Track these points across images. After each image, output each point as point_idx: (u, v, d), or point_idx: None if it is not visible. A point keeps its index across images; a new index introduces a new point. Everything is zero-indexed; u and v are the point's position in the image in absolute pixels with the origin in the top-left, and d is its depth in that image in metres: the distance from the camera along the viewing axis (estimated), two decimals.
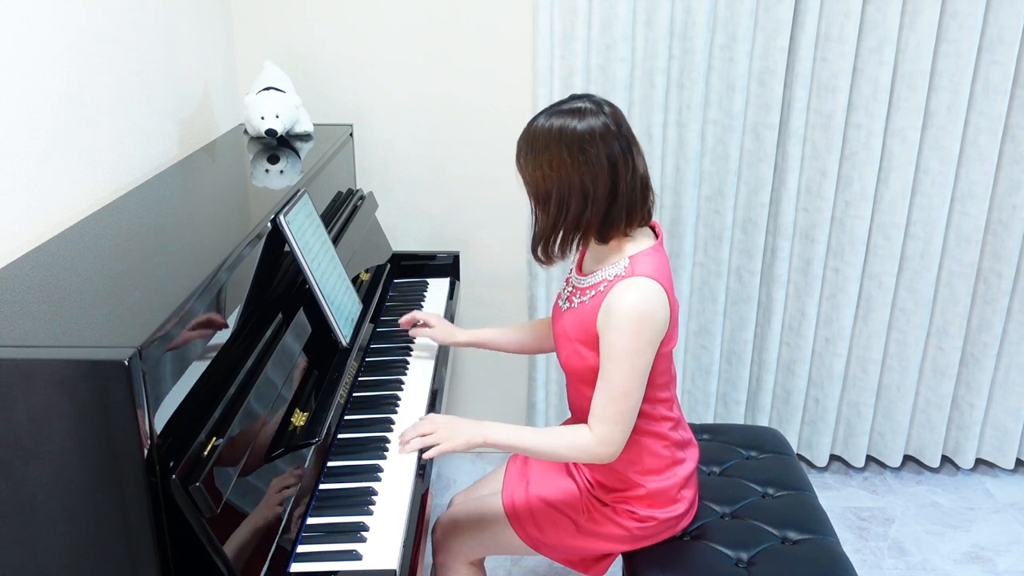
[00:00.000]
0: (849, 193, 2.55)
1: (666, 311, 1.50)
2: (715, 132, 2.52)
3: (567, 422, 1.85)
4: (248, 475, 1.27)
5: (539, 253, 1.58)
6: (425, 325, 1.97)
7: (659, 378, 1.60)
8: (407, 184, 2.63)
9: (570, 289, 1.64)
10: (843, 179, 2.55)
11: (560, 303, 1.67)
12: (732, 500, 1.82)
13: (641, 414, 1.60)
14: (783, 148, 2.52)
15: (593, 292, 1.55)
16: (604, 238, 1.54)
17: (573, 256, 1.68)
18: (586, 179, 1.48)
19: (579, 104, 1.51)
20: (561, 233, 1.54)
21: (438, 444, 1.54)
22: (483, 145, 2.59)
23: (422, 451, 1.56)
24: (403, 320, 2.00)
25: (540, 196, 1.53)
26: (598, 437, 1.51)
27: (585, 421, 1.55)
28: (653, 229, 1.62)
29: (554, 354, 2.73)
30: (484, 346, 1.95)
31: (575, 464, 1.74)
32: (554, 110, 1.52)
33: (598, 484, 1.68)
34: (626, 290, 1.48)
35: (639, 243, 1.55)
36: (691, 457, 1.72)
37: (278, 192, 1.80)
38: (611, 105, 1.52)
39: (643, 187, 1.54)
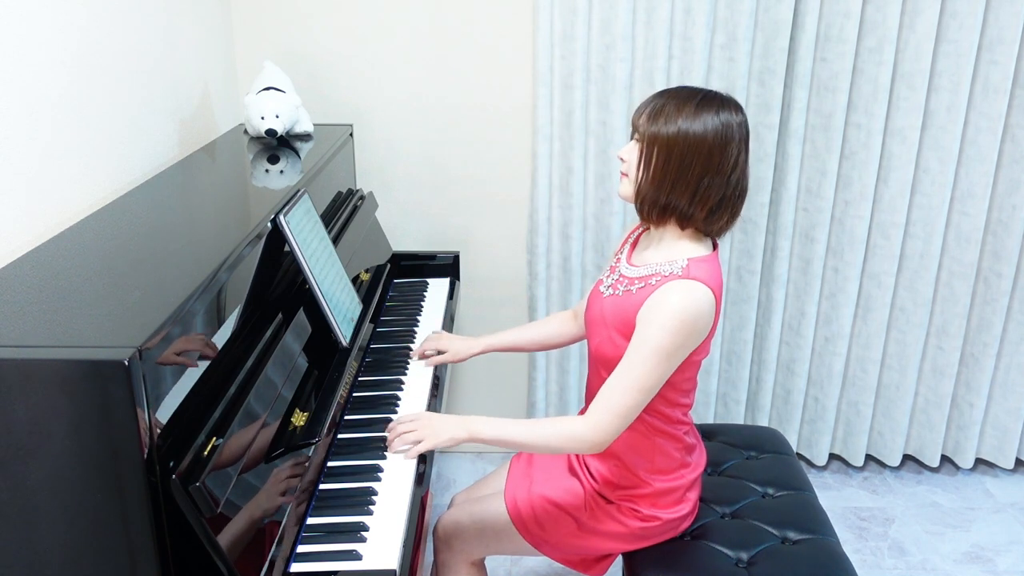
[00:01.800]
0: (849, 193, 2.55)
1: (710, 320, 1.51)
2: None
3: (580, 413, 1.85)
4: (248, 475, 1.28)
5: (651, 214, 1.56)
6: (438, 353, 1.96)
7: (684, 384, 1.60)
8: (407, 184, 2.63)
9: (616, 276, 1.63)
10: (843, 179, 2.55)
11: (602, 288, 1.66)
12: (732, 500, 1.82)
13: (662, 415, 1.61)
14: (783, 148, 2.52)
15: (642, 284, 1.55)
16: (696, 223, 1.54)
17: (626, 246, 1.68)
18: (713, 158, 1.48)
19: (721, 95, 1.53)
20: (674, 198, 1.52)
21: (421, 441, 1.56)
22: (483, 145, 2.59)
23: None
24: (415, 353, 1.98)
25: (664, 152, 1.50)
26: (593, 424, 1.50)
27: None
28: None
29: (555, 353, 2.74)
30: (503, 350, 1.95)
31: (580, 462, 1.74)
32: (697, 92, 1.52)
33: (604, 481, 1.68)
34: (679, 290, 1.48)
35: (699, 248, 1.56)
36: (699, 462, 1.73)
37: (278, 192, 1.80)
38: (742, 107, 1.55)
39: (744, 192, 1.55)
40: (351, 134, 2.44)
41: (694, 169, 1.49)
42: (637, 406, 1.50)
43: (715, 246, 1.61)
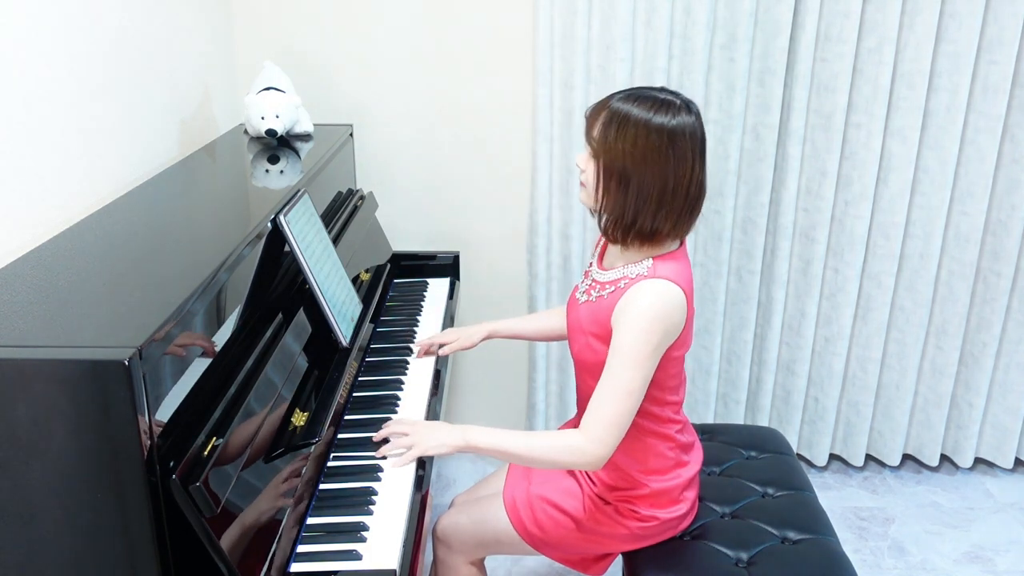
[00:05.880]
0: (849, 193, 2.55)
1: (682, 316, 1.51)
2: (715, 132, 2.52)
3: (570, 422, 1.85)
4: (248, 475, 1.28)
5: (616, 235, 1.55)
6: (442, 345, 1.97)
7: (670, 381, 1.60)
8: (407, 184, 2.63)
9: (589, 282, 1.64)
10: (843, 179, 2.55)
11: (577, 295, 1.66)
12: (732, 500, 1.83)
13: (650, 415, 1.61)
14: (783, 148, 2.52)
15: (612, 288, 1.55)
16: (662, 236, 1.53)
17: (597, 251, 1.68)
18: (668, 171, 1.47)
19: (670, 98, 1.49)
20: (639, 219, 1.50)
21: (413, 447, 1.56)
22: (483, 145, 2.59)
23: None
24: (419, 351, 1.99)
25: (619, 174, 1.49)
26: (589, 437, 1.49)
27: None
28: None
29: (555, 355, 2.74)
30: (505, 337, 1.96)
31: None
32: (645, 96, 1.49)
33: (601, 482, 1.68)
34: (646, 290, 1.48)
35: (665, 246, 1.56)
36: (695, 460, 1.72)
37: (278, 192, 1.80)
38: (696, 107, 1.52)
39: (704, 191, 1.55)
40: (351, 134, 2.44)
41: (652, 193, 1.48)
42: (629, 412, 1.50)
43: (681, 241, 1.60)
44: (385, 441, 1.63)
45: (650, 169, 1.47)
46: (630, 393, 1.48)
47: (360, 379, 1.88)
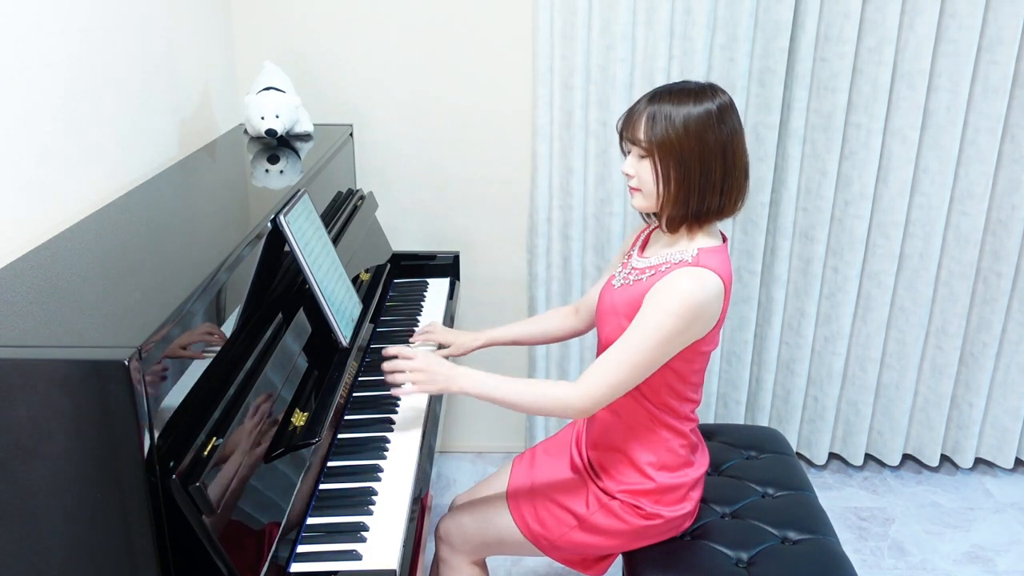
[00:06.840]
0: (848, 193, 2.55)
1: (717, 309, 1.51)
2: None
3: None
4: (248, 475, 1.28)
5: (680, 227, 1.56)
6: (440, 346, 1.97)
7: (693, 376, 1.61)
8: (407, 184, 2.63)
9: (628, 270, 1.64)
10: (843, 179, 2.55)
11: (614, 282, 1.67)
12: (732, 500, 1.83)
13: (670, 410, 1.61)
14: (783, 148, 2.53)
15: (653, 271, 1.56)
16: (727, 213, 1.56)
17: (638, 244, 1.69)
18: (726, 143, 1.50)
19: (700, 85, 1.53)
20: (705, 200, 1.52)
21: (414, 384, 1.60)
22: (483, 145, 2.59)
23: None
24: (413, 339, 2.00)
25: (678, 162, 1.50)
26: (583, 391, 1.50)
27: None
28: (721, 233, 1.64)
29: (555, 354, 2.74)
30: (504, 343, 1.96)
31: (583, 459, 1.74)
32: (675, 90, 1.52)
33: (608, 477, 1.68)
34: (687, 275, 1.49)
35: (709, 240, 1.57)
36: (702, 462, 1.73)
37: (278, 192, 1.80)
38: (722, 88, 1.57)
39: (748, 168, 1.57)
40: (351, 134, 2.44)
41: (715, 171, 1.50)
42: (628, 381, 1.51)
43: (724, 239, 1.61)
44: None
45: (709, 146, 1.49)
46: (637, 365, 1.49)
47: (360, 379, 1.88)
